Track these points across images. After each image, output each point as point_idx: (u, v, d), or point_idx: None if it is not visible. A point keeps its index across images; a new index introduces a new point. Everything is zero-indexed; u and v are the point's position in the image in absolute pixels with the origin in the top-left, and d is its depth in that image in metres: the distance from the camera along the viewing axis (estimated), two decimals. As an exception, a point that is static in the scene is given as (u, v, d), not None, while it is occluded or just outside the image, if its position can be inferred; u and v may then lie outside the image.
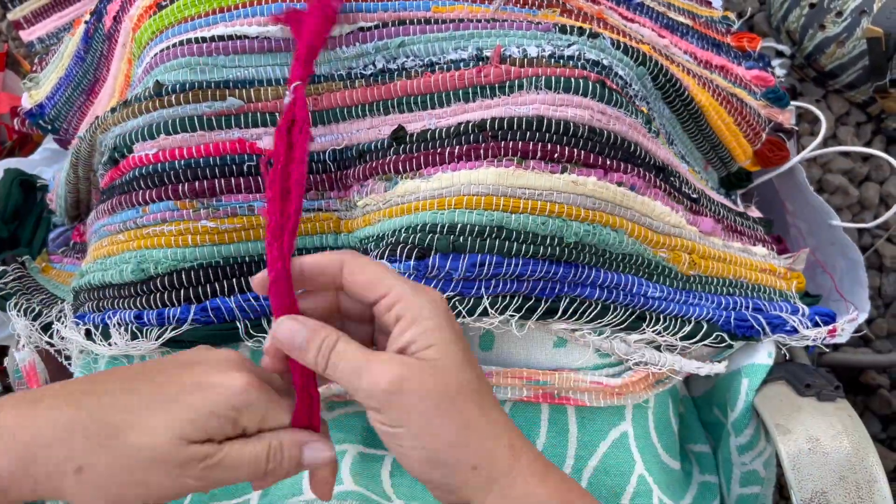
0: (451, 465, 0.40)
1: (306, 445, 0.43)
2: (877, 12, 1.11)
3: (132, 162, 0.64)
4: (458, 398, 0.40)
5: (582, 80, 0.61)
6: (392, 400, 0.39)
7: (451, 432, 0.40)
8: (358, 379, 0.40)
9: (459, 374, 0.41)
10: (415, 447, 0.40)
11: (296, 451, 0.42)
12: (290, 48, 0.66)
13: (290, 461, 0.42)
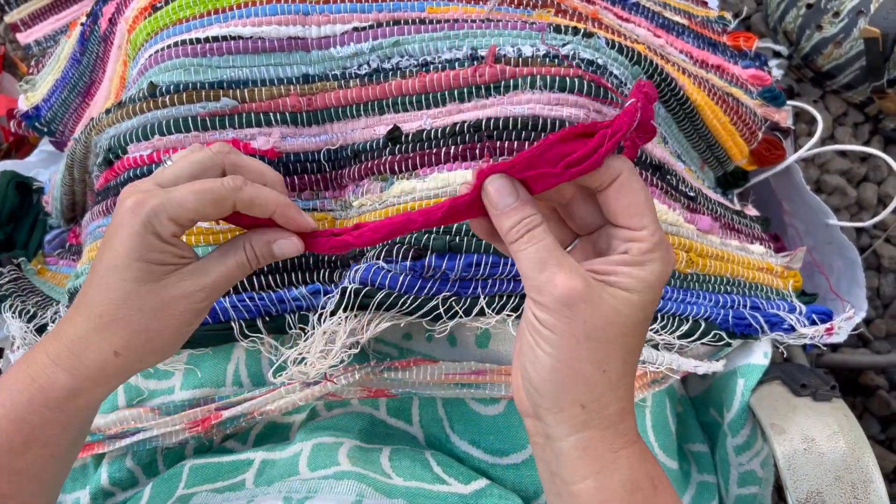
0: (567, 391, 0.40)
1: (276, 243, 0.46)
2: (874, 13, 1.11)
3: (127, 163, 0.64)
4: (612, 343, 0.39)
5: (577, 79, 0.61)
6: (560, 308, 0.38)
7: (586, 365, 0.39)
8: (538, 272, 0.39)
9: (629, 325, 0.40)
10: (550, 354, 0.39)
11: (267, 248, 0.46)
12: (283, 48, 0.66)
13: (264, 256, 0.46)
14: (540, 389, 0.40)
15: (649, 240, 0.39)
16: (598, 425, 0.40)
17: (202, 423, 0.62)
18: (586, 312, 0.39)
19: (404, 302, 0.57)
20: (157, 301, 0.43)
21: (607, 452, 0.40)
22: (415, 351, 0.63)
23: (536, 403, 0.41)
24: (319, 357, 0.56)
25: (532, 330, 0.40)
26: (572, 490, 0.41)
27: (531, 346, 0.40)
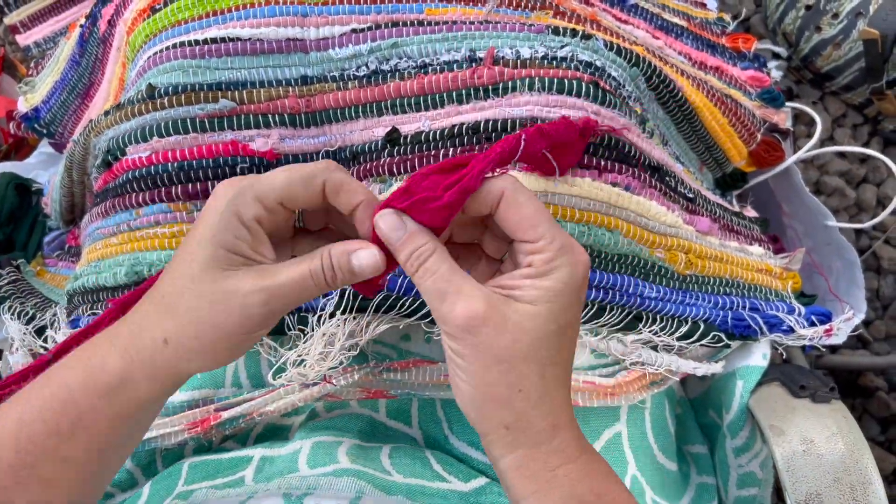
0: (488, 416, 0.40)
1: (353, 253, 0.42)
2: (873, 14, 1.12)
3: (125, 165, 0.64)
4: (522, 361, 0.40)
5: (575, 81, 0.61)
6: (464, 336, 0.39)
7: (501, 388, 0.40)
8: (439, 303, 0.39)
9: (538, 339, 0.40)
10: (466, 382, 0.40)
11: (345, 258, 0.42)
12: (282, 50, 0.66)
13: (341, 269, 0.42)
14: (468, 415, 0.41)
15: (549, 248, 0.40)
16: (526, 444, 0.40)
17: (201, 423, 0.62)
18: (490, 335, 0.39)
19: (403, 304, 0.57)
20: (215, 291, 0.40)
21: (543, 471, 0.40)
22: (413, 352, 0.63)
23: (473, 427, 0.42)
24: (318, 359, 0.56)
25: (449, 360, 0.41)
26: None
27: (452, 376, 0.41)
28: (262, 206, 0.41)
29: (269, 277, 0.41)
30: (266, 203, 0.41)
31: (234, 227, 0.41)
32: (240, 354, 0.43)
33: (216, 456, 0.61)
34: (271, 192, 0.41)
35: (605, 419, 0.63)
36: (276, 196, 0.41)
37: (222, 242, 0.41)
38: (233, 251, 0.41)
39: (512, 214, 0.40)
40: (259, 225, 0.41)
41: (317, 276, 0.41)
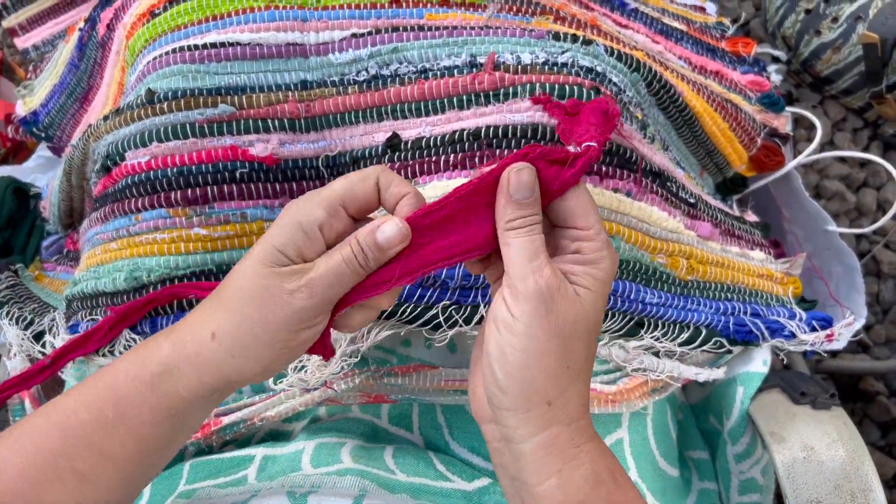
0: (535, 387, 0.40)
1: (379, 229, 0.42)
2: (873, 18, 1.12)
3: (124, 170, 0.64)
4: (576, 339, 0.40)
5: (576, 86, 0.61)
6: (537, 298, 0.39)
7: (553, 361, 0.40)
8: (529, 260, 0.40)
9: (592, 321, 0.41)
10: (520, 350, 0.40)
11: (370, 236, 0.42)
12: (281, 54, 0.65)
13: (369, 247, 0.42)
14: (507, 389, 0.41)
15: (598, 238, 0.41)
16: (561, 421, 0.41)
17: (202, 429, 0.62)
18: (561, 308, 0.40)
19: (404, 310, 0.57)
20: (262, 287, 0.41)
21: (570, 448, 0.41)
22: (414, 357, 0.63)
23: (499, 406, 0.41)
24: (319, 365, 0.56)
25: (504, 326, 0.40)
26: (535, 492, 0.41)
27: (500, 345, 0.41)
28: (325, 211, 0.42)
29: (309, 272, 0.41)
30: (329, 206, 0.42)
31: (289, 231, 0.42)
32: (284, 359, 0.43)
33: (218, 456, 0.61)
34: (332, 194, 0.42)
35: (606, 426, 0.63)
36: (338, 197, 0.42)
37: (276, 243, 0.42)
38: (281, 251, 0.42)
39: (571, 199, 0.41)
40: (320, 232, 0.42)
41: (350, 262, 0.42)
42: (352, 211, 0.43)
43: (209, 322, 0.42)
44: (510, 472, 0.42)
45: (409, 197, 0.43)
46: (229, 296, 0.42)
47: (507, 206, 0.41)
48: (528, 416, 0.41)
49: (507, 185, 0.41)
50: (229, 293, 0.42)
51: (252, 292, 0.41)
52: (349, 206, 0.43)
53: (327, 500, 0.49)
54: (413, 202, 0.43)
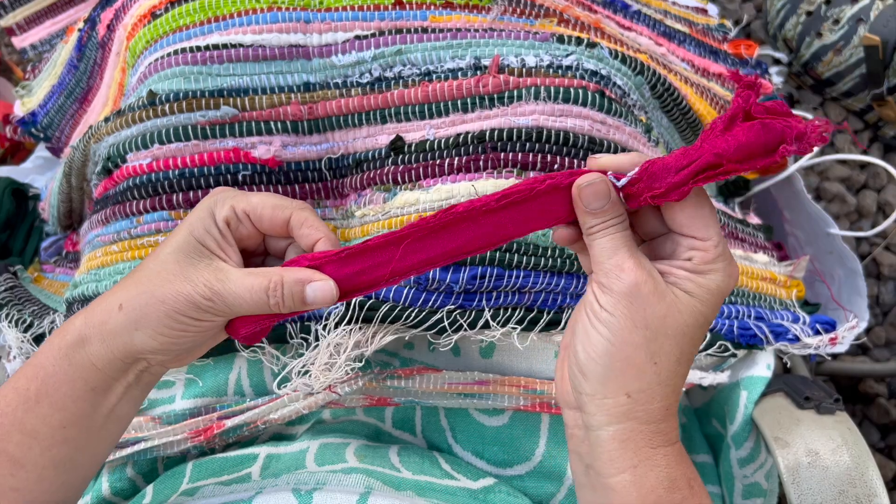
0: (615, 377, 0.41)
1: (309, 284, 0.44)
2: (874, 20, 1.11)
3: (126, 172, 0.64)
4: (666, 336, 0.41)
5: (581, 89, 0.60)
6: (622, 291, 0.40)
7: (639, 353, 0.40)
8: (608, 257, 0.41)
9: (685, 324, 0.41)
10: (604, 336, 0.40)
11: (298, 287, 0.44)
12: (284, 56, 0.65)
13: (293, 297, 0.44)
14: (588, 373, 0.41)
15: (713, 250, 0.41)
16: (640, 418, 0.41)
17: (205, 432, 0.62)
18: (648, 299, 0.40)
19: (409, 315, 0.56)
20: (174, 272, 0.43)
21: (646, 447, 0.41)
22: (417, 360, 0.63)
23: (580, 390, 0.42)
24: (324, 369, 0.55)
25: (591, 311, 0.41)
26: (608, 483, 0.41)
27: (586, 328, 0.41)
28: (233, 212, 0.45)
29: (223, 279, 0.43)
30: (237, 210, 0.45)
31: (206, 222, 0.44)
32: (186, 341, 0.44)
33: (221, 455, 0.61)
34: (244, 202, 0.45)
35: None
36: (245, 207, 0.45)
37: (194, 231, 0.44)
38: (201, 242, 0.44)
39: (690, 209, 0.41)
40: (228, 227, 0.45)
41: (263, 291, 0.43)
42: (258, 226, 0.46)
43: (120, 295, 0.44)
44: (586, 460, 0.43)
45: (323, 242, 0.45)
46: (142, 273, 0.44)
47: (584, 216, 0.42)
48: (605, 404, 0.41)
49: (580, 199, 0.42)
50: (144, 271, 0.44)
51: (161, 271, 0.43)
52: (254, 221, 0.46)
53: (333, 496, 0.49)
54: (327, 247, 0.45)
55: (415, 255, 0.43)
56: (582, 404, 0.42)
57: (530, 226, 0.43)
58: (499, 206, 0.42)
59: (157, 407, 0.63)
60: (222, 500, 0.52)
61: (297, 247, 0.48)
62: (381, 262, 0.44)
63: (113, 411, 0.46)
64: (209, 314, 0.43)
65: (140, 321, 0.43)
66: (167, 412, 0.63)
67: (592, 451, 0.42)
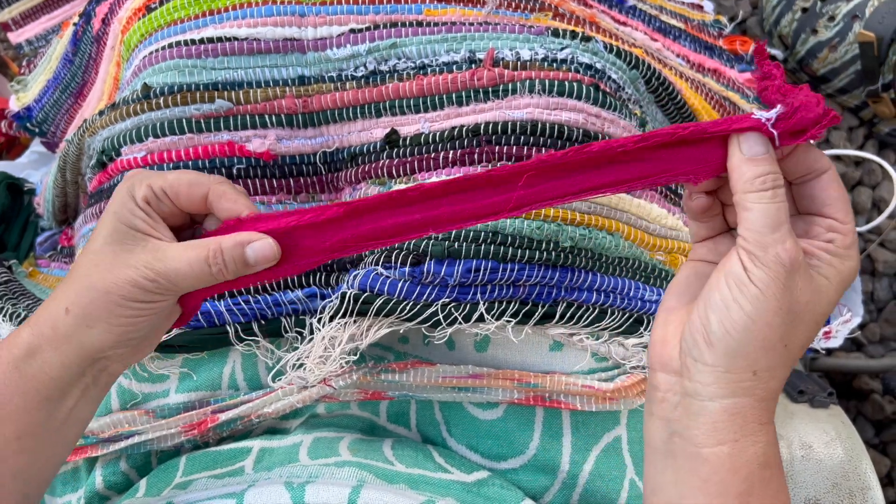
0: (747, 352, 0.39)
1: (248, 245, 0.44)
2: (869, 17, 1.12)
3: (120, 165, 0.64)
4: (803, 322, 0.40)
5: (575, 83, 0.60)
6: (778, 270, 0.38)
7: (775, 334, 0.39)
8: (771, 230, 0.38)
9: (821, 312, 0.40)
10: (748, 312, 0.39)
11: (238, 250, 0.44)
12: (279, 50, 0.65)
13: (234, 261, 0.44)
14: (717, 343, 0.40)
15: (851, 235, 0.40)
16: (757, 395, 0.40)
17: (199, 426, 0.62)
18: (801, 283, 0.39)
19: (403, 308, 0.56)
20: (112, 261, 0.43)
21: (753, 422, 0.40)
22: (411, 354, 0.63)
23: (698, 358, 0.40)
24: (318, 362, 0.55)
25: (737, 283, 0.39)
26: (700, 452, 0.40)
27: (726, 300, 0.39)
28: (151, 190, 0.44)
29: (160, 257, 0.43)
30: (154, 188, 0.44)
31: (129, 205, 0.44)
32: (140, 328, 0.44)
33: (214, 448, 0.61)
34: (159, 180, 0.44)
35: (605, 423, 0.62)
36: (162, 185, 0.44)
37: (121, 217, 0.43)
38: (131, 226, 0.43)
39: (833, 190, 0.40)
40: (149, 206, 0.44)
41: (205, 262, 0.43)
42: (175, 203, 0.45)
43: (62, 299, 0.43)
44: (673, 427, 0.42)
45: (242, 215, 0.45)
46: (80, 271, 0.43)
47: (742, 165, 0.39)
48: (726, 377, 0.40)
49: (739, 143, 0.40)
50: (79, 270, 0.43)
51: (98, 263, 0.43)
52: (172, 198, 0.45)
53: (325, 489, 0.49)
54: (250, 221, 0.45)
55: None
56: (694, 372, 0.41)
57: (665, 177, 0.41)
58: (636, 150, 0.40)
59: (151, 401, 0.63)
60: (215, 494, 0.52)
61: (214, 219, 0.47)
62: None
63: (70, 415, 0.45)
64: (157, 294, 0.43)
65: (90, 318, 0.42)
66: (161, 406, 0.63)
67: (690, 419, 0.41)
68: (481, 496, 0.55)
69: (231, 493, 0.50)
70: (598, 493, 0.61)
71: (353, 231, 0.44)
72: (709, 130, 0.40)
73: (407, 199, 0.43)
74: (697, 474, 0.40)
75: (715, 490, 0.40)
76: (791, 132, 0.39)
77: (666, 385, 0.42)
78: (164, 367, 0.63)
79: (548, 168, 0.41)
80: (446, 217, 0.43)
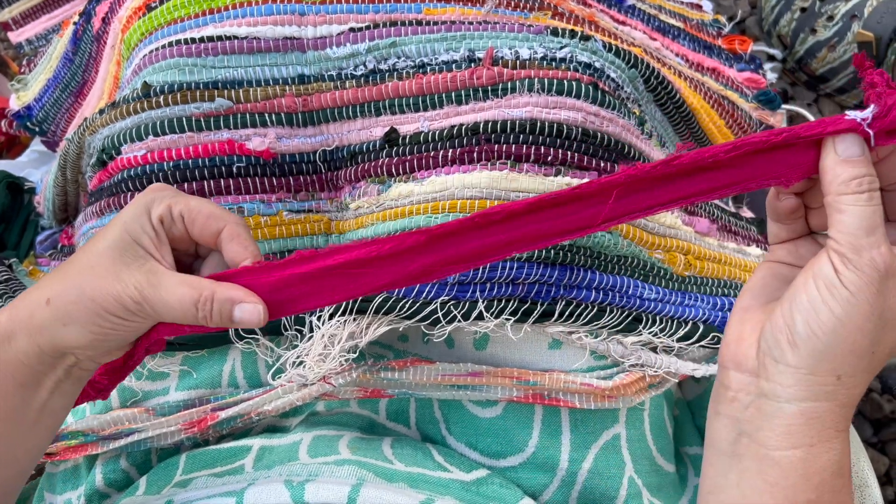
0: (832, 356, 0.38)
1: (238, 305, 0.43)
2: (867, 17, 1.12)
3: (120, 164, 0.64)
4: (891, 333, 0.39)
5: (575, 82, 0.61)
6: (873, 275, 0.37)
7: (865, 339, 0.38)
8: (866, 234, 0.37)
9: None
10: (837, 315, 0.38)
11: (227, 306, 0.43)
12: (279, 48, 0.65)
13: (221, 315, 0.43)
14: (802, 345, 0.39)
15: None
16: (838, 400, 0.39)
17: (198, 424, 0.62)
18: (892, 290, 0.38)
19: (402, 306, 0.56)
20: (106, 269, 0.42)
21: (831, 429, 0.39)
22: (411, 352, 0.63)
23: (779, 359, 0.40)
24: (318, 360, 0.56)
25: (827, 285, 0.38)
26: (772, 455, 0.39)
27: (814, 301, 0.38)
28: (169, 211, 0.44)
29: (154, 283, 0.43)
30: (173, 210, 0.44)
31: (142, 219, 0.43)
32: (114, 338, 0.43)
33: (214, 447, 0.61)
34: (180, 203, 0.44)
35: (604, 420, 0.62)
36: (182, 210, 0.44)
37: (129, 229, 0.43)
38: (137, 240, 0.43)
39: None
40: (161, 226, 0.44)
41: (193, 303, 0.43)
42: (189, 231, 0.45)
43: (47, 289, 0.43)
44: (743, 427, 0.41)
45: (248, 263, 0.45)
46: (72, 268, 0.43)
47: (836, 167, 0.38)
48: (808, 379, 0.39)
49: (834, 145, 0.39)
50: (74, 266, 0.43)
51: (94, 266, 0.42)
52: (188, 225, 0.45)
53: (325, 487, 0.49)
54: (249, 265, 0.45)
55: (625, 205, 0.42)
56: (773, 373, 0.40)
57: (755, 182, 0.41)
58: (727, 159, 0.40)
59: (151, 398, 0.64)
60: (214, 492, 0.52)
61: (218, 257, 0.47)
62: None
63: (45, 406, 0.45)
64: (137, 316, 0.43)
65: (68, 316, 0.42)
66: (161, 404, 0.63)
67: (763, 420, 0.40)
68: (480, 495, 0.56)
69: (231, 492, 0.50)
70: (597, 491, 0.61)
71: (436, 256, 0.43)
72: (802, 135, 0.39)
73: (491, 220, 0.42)
74: (765, 478, 0.40)
75: (782, 495, 0.39)
76: (887, 131, 0.38)
77: (738, 384, 0.42)
78: (164, 364, 0.63)
79: (637, 181, 0.41)
80: (531, 236, 0.43)
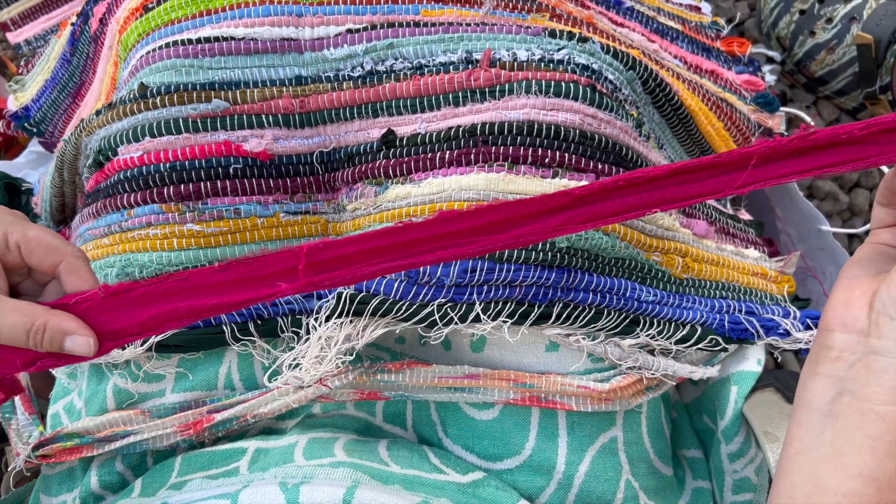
0: None
1: (69, 336, 0.43)
2: (867, 19, 1.12)
3: (117, 165, 0.64)
4: None
5: (572, 84, 0.60)
6: None
7: None
8: None
9: None
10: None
11: (59, 336, 0.43)
12: (276, 50, 0.65)
13: (52, 344, 0.43)
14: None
15: None
16: None
17: (194, 426, 0.62)
18: None
19: (399, 308, 0.56)
20: None
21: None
22: (408, 354, 0.63)
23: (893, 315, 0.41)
24: (314, 362, 0.55)
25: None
26: (876, 409, 0.41)
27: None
28: (4, 240, 0.44)
29: None
30: (9, 239, 0.44)
31: None
32: None
33: (210, 449, 0.61)
34: (17, 232, 0.44)
35: (601, 423, 0.62)
36: (18, 239, 0.44)
37: None
38: None
39: None
40: None
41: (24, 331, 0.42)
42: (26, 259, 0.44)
43: None
44: (845, 386, 0.43)
45: None
46: None
47: None
48: None
49: None
50: None
51: None
52: (24, 253, 0.44)
53: (320, 489, 0.49)
54: None
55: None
56: (888, 330, 0.41)
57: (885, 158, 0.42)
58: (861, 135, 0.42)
59: (147, 400, 0.63)
60: (209, 494, 0.52)
61: (58, 285, 0.47)
62: None
63: None
64: None
65: None
66: (157, 406, 0.63)
67: (871, 376, 0.41)
68: (476, 497, 0.55)
69: (225, 494, 0.50)
70: (594, 494, 0.61)
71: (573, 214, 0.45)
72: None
73: (632, 182, 0.44)
74: (867, 432, 0.41)
75: (883, 449, 0.40)
76: None
77: (843, 344, 0.43)
78: (160, 366, 0.63)
79: (774, 151, 0.43)
80: (671, 197, 0.44)
